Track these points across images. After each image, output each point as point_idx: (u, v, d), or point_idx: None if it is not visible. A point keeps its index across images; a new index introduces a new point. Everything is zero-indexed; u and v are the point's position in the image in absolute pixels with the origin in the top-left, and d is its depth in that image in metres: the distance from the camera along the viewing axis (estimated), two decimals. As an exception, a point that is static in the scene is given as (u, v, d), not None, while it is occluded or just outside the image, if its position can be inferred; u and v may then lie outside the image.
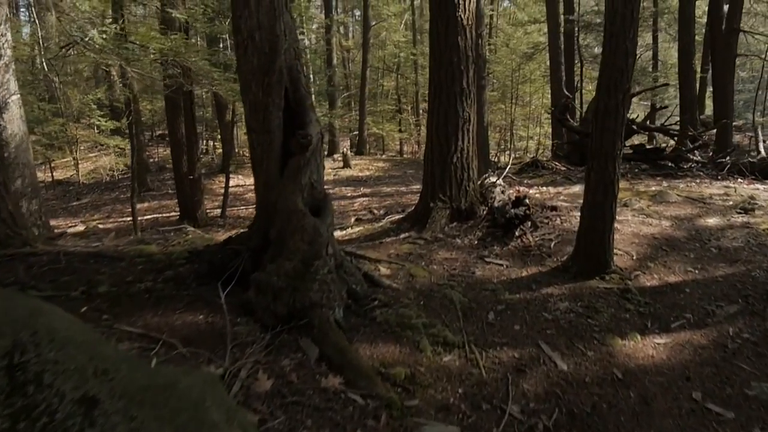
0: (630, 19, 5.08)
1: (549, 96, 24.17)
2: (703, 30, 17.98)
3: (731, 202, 7.60)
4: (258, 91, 4.38)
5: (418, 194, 7.46)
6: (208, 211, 14.66)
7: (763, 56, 19.68)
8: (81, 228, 14.04)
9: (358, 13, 30.25)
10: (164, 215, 15.10)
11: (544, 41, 22.12)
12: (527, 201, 6.31)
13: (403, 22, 26.62)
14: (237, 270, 4.23)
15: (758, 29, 21.70)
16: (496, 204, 6.46)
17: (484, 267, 5.50)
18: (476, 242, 6.07)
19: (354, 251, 5.55)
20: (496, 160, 22.64)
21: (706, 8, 17.98)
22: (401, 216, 7.83)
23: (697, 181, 9.64)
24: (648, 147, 11.13)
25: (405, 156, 26.72)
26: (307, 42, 28.51)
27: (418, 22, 27.02)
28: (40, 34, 13.73)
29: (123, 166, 22.15)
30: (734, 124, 15.86)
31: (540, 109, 25.25)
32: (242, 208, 15.76)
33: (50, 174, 22.51)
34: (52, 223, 15.81)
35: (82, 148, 24.72)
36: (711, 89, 18.85)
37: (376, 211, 13.54)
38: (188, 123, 12.99)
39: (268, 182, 4.43)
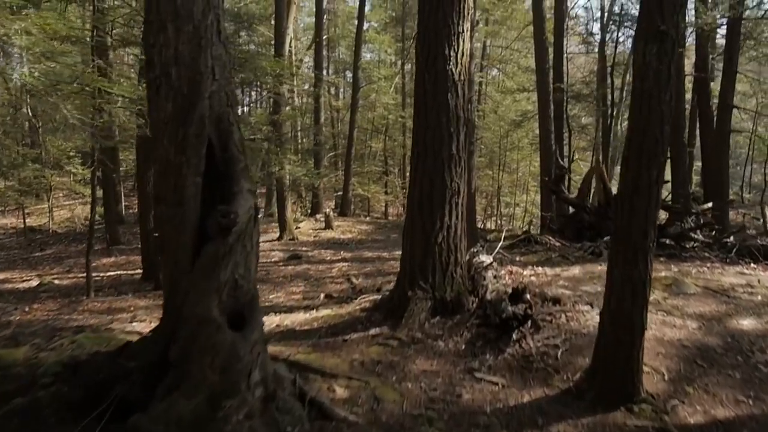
0: (666, 76, 3.84)
1: (537, 164, 23.22)
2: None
3: (759, 297, 6.26)
4: (170, 146, 3.04)
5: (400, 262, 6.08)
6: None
7: (751, 131, 18.87)
8: (35, 283, 12.47)
9: (349, 74, 29.54)
10: (129, 272, 13.55)
11: (533, 109, 21.30)
12: (528, 296, 4.92)
13: (393, 85, 25.81)
14: (113, 403, 2.76)
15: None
16: (488, 296, 5.07)
17: (473, 386, 4.05)
18: (463, 347, 4.64)
19: (303, 361, 4.08)
20: (482, 226, 21.44)
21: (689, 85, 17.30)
22: (377, 296, 6.43)
23: (708, 265, 8.32)
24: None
25: (390, 218, 25.45)
26: (297, 101, 27.63)
27: (408, 86, 26.21)
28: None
29: (98, 216, 20.68)
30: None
31: (527, 176, 24.24)
32: (214, 268, 14.28)
33: (23, 221, 21.04)
34: (6, 275, 14.28)
35: (60, 195, 23.30)
36: (699, 164, 17.96)
37: (355, 279, 12.15)
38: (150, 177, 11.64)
39: (174, 276, 3.02)
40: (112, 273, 13.52)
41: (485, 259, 6.60)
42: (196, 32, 3.05)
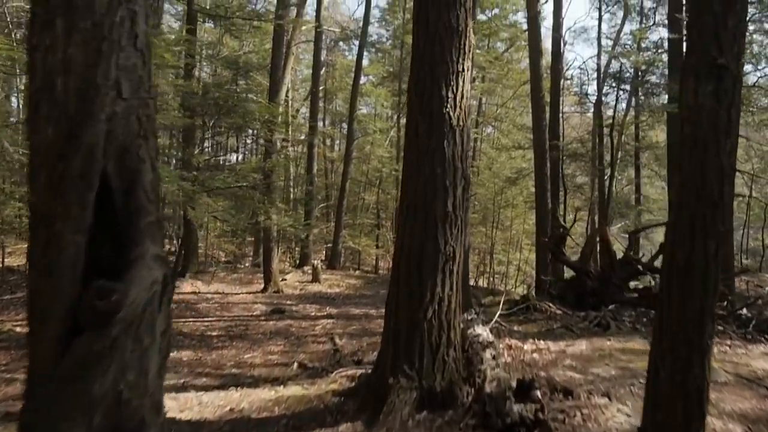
0: (726, 120, 2.91)
1: (531, 222, 22.34)
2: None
3: (801, 389, 5.21)
4: (46, 187, 2.05)
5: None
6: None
7: (748, 196, 18.09)
8: None
9: (345, 126, 28.98)
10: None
11: (528, 167, 20.58)
12: (537, 393, 3.86)
13: (389, 138, 25.19)
14: None
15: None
16: (488, 386, 4.02)
17: None
18: (457, 458, 3.55)
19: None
20: (474, 283, 20.37)
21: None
22: (356, 371, 5.35)
23: (728, 343, 7.28)
24: (656, 292, 8.88)
25: (381, 272, 24.35)
26: (291, 151, 26.92)
27: (402, 140, 25.60)
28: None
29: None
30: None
31: (521, 234, 23.32)
32: (191, 320, 13.06)
33: (1, 260, 19.85)
34: None
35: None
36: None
37: (338, 339, 11.02)
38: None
39: (30, 381, 1.97)
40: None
41: (482, 331, 5.55)
42: (96, 31, 2.10)
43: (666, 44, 16.27)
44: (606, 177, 16.51)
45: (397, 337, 4.23)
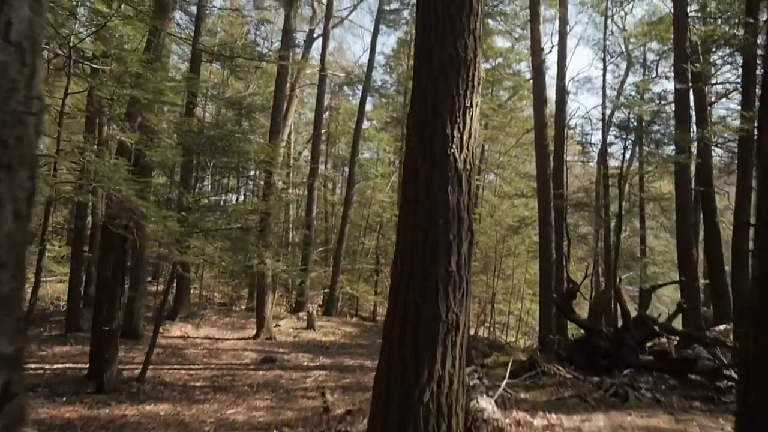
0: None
1: (533, 272, 21.53)
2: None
3: None
4: None
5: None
6: (127, 369, 11.06)
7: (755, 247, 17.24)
8: None
9: (347, 170, 28.50)
10: (78, 366, 11.43)
11: (530, 216, 19.90)
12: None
13: (390, 183, 24.63)
14: None
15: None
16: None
17: None
18: None
19: None
20: (473, 333, 19.42)
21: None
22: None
23: None
24: (675, 356, 8.03)
25: (378, 318, 23.40)
26: (292, 193, 26.31)
27: (404, 185, 25.02)
28: None
29: (58, 301, 18.75)
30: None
31: (522, 284, 22.45)
32: (176, 367, 12.14)
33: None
34: None
35: (33, 270, 21.36)
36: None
37: (329, 395, 10.14)
38: (116, 261, 9.85)
39: None
40: (58, 366, 11.40)
41: (486, 405, 4.74)
42: None
43: (671, 96, 15.82)
44: (611, 228, 15.78)
45: (386, 422, 3.41)
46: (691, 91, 13.46)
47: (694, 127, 14.02)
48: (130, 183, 7.89)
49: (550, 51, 19.46)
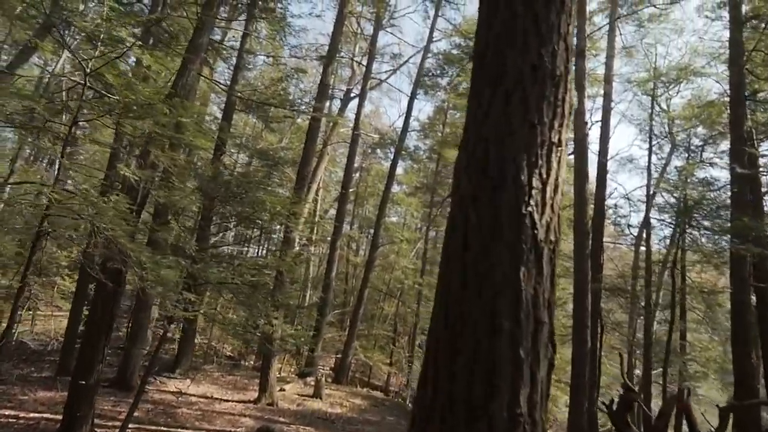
0: None
1: (558, 356, 19.55)
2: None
3: None
4: None
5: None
6: (110, 428, 9.52)
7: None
8: None
9: (372, 232, 27.25)
10: (56, 417, 9.91)
11: (559, 296, 18.20)
12: None
13: (415, 249, 23.23)
14: None
15: None
16: None
17: None
18: None
19: None
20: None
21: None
22: None
23: None
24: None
25: (390, 389, 21.45)
26: (314, 252, 25.05)
27: (430, 253, 23.58)
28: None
29: (58, 337, 17.44)
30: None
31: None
32: (162, 430, 10.52)
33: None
34: None
35: (42, 304, 20.14)
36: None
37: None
38: (102, 309, 8.52)
39: None
40: (35, 415, 9.91)
41: None
42: None
43: (720, 182, 14.35)
44: (654, 318, 14.00)
45: None
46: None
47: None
48: (120, 222, 6.65)
49: (591, 126, 18.25)
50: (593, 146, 35.08)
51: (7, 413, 9.85)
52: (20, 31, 12.62)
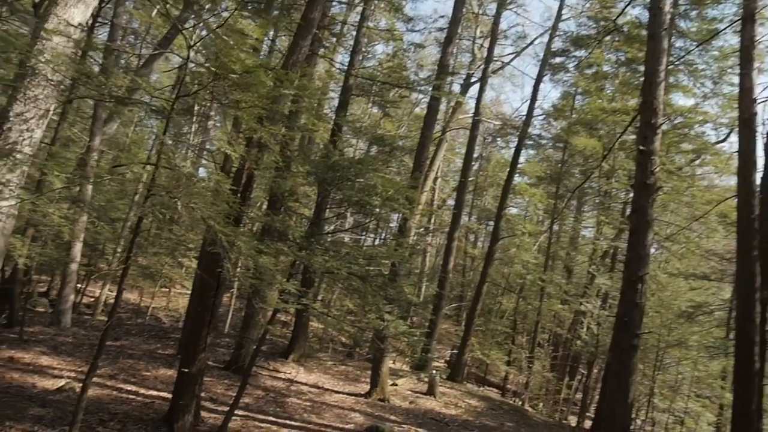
0: None
1: (704, 370, 16.82)
2: None
3: None
4: None
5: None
6: (219, 413, 8.93)
7: None
8: (61, 383, 8.89)
9: (491, 225, 25.51)
10: (169, 398, 9.62)
11: (710, 302, 15.49)
12: None
13: (537, 243, 21.21)
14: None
15: None
16: None
17: None
18: None
19: None
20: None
21: None
22: None
23: None
24: None
25: (508, 388, 19.74)
26: (431, 242, 23.84)
27: (553, 248, 21.45)
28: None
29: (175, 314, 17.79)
30: None
31: (691, 382, 17.54)
32: (270, 419, 9.81)
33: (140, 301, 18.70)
34: (57, 362, 10.87)
35: (178, 284, 20.82)
36: None
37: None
38: (203, 296, 7.88)
39: None
40: (151, 394, 9.60)
41: None
42: None
43: None
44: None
45: None
46: None
47: None
48: (215, 203, 5.82)
49: (762, 102, 15.16)
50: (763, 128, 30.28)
51: (128, 388, 9.67)
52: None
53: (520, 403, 17.85)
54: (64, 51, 7.58)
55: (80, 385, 8.51)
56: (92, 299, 17.99)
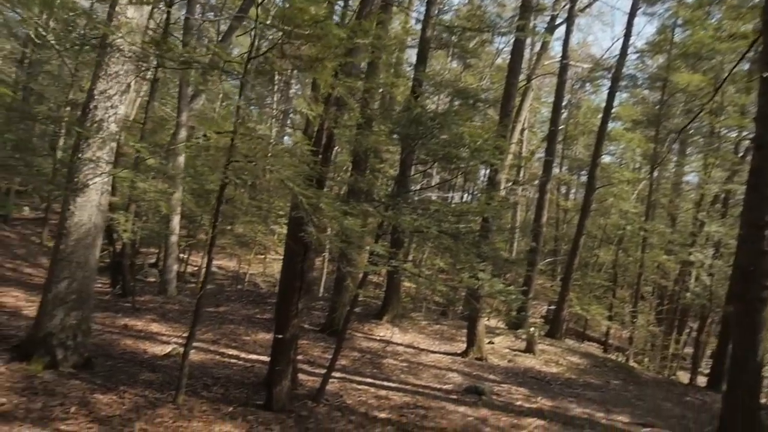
0: None
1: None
2: None
3: None
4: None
5: None
6: (316, 376, 8.84)
7: None
8: (168, 349, 9.19)
9: (583, 175, 23.89)
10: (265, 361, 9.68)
11: None
12: None
13: (637, 191, 19.53)
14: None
15: None
16: None
17: None
18: None
19: None
20: None
21: None
22: None
23: None
24: None
25: (610, 343, 18.62)
26: (522, 196, 22.70)
27: (654, 195, 19.68)
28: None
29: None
30: None
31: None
32: (367, 381, 9.63)
33: (239, 268, 19.36)
34: (163, 328, 11.33)
35: (274, 251, 21.28)
36: None
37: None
38: (292, 263, 7.62)
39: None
40: (251, 357, 9.70)
41: None
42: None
43: None
44: None
45: None
46: None
47: None
48: (294, 165, 5.42)
49: None
50: None
51: (230, 353, 9.84)
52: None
53: (624, 359, 16.76)
54: (140, 24, 7.45)
55: (179, 349, 8.73)
56: (195, 268, 18.75)
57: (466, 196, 22.67)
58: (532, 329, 13.90)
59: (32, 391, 6.19)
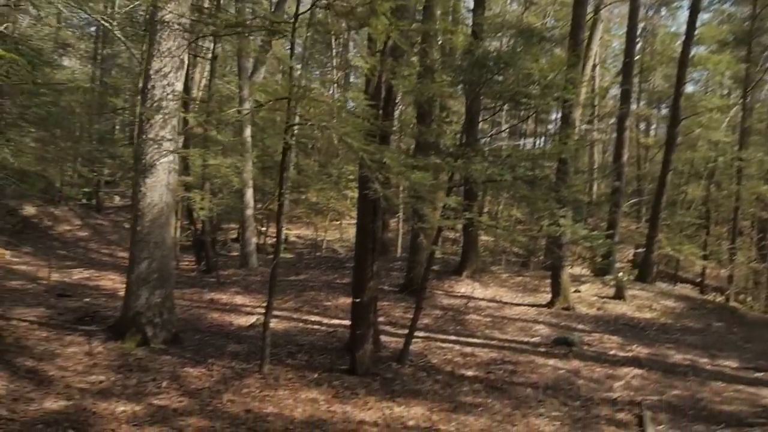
0: None
1: None
2: None
3: None
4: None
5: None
6: (400, 336, 8.59)
7: None
8: (252, 319, 9.29)
9: (663, 108, 21.91)
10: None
11: None
12: None
13: (728, 119, 17.62)
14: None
15: None
16: None
17: None
18: None
19: None
20: None
21: None
22: None
23: None
24: None
25: (707, 285, 17.24)
26: (596, 134, 21.18)
27: (749, 122, 17.69)
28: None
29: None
30: None
31: None
32: (451, 339, 9.29)
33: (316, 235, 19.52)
34: (247, 299, 11.49)
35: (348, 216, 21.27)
36: None
37: (650, 422, 6.25)
38: (364, 226, 7.29)
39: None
40: (334, 322, 9.54)
41: None
42: None
43: None
44: None
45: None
46: None
47: None
48: (353, 121, 5.00)
49: None
50: None
51: (312, 319, 9.80)
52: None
53: (724, 299, 15.45)
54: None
55: (259, 320, 8.72)
56: (275, 239, 19.01)
57: (538, 142, 21.41)
58: (620, 274, 12.98)
59: (127, 368, 6.32)
